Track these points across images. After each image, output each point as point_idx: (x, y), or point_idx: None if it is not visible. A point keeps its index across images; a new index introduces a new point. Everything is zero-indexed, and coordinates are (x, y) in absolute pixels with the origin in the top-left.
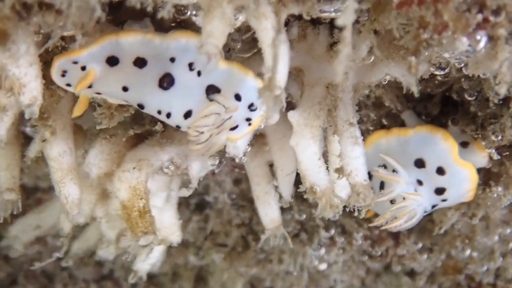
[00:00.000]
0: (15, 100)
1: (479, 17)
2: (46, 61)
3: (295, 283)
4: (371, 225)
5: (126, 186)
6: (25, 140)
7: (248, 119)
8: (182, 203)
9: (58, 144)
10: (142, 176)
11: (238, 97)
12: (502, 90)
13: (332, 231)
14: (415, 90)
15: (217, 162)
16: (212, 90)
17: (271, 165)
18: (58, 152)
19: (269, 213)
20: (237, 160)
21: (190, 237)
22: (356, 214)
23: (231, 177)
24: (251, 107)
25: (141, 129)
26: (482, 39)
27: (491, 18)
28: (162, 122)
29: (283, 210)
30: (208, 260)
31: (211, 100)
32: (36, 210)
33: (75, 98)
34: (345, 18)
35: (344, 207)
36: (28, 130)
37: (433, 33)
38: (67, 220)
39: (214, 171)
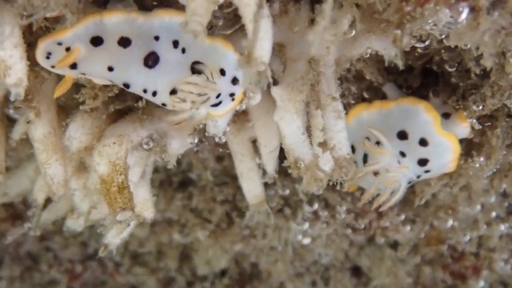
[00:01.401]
0: (0, 83)
1: None
2: (29, 42)
3: (279, 258)
4: (360, 203)
5: (106, 160)
6: (9, 122)
7: (232, 94)
8: (165, 181)
9: (43, 125)
10: (122, 152)
11: (222, 72)
12: (488, 63)
13: (316, 206)
14: (399, 63)
15: (196, 140)
16: (197, 67)
17: (254, 142)
18: (43, 133)
19: (252, 189)
20: (216, 139)
21: (174, 215)
22: (338, 188)
23: (214, 155)
24: (234, 81)
25: (123, 105)
26: (464, 10)
27: None
28: (146, 100)
29: (266, 185)
30: (192, 237)
31: (197, 72)
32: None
33: (59, 79)
34: None
35: (328, 181)
36: (11, 112)
37: (416, 6)
38: (41, 191)
39: (195, 150)
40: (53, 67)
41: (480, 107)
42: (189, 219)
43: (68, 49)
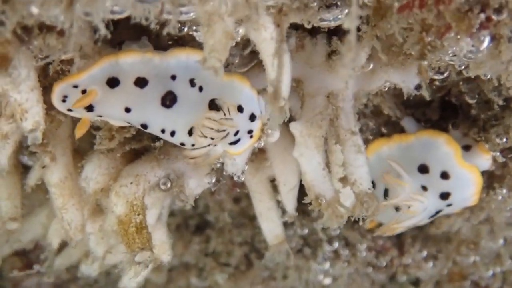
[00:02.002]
0: (17, 127)
1: (482, 16)
2: (44, 86)
3: None
4: (376, 234)
5: (123, 201)
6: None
7: (250, 131)
8: (182, 225)
9: (58, 170)
10: (140, 191)
11: (240, 109)
12: None
13: (336, 244)
14: (426, 94)
15: (213, 180)
16: (214, 104)
17: (272, 181)
18: (59, 178)
19: (272, 229)
20: (235, 178)
21: (191, 259)
22: (360, 223)
23: (231, 196)
24: (252, 118)
25: (139, 145)
26: (485, 39)
27: (494, 17)
28: (163, 139)
29: (285, 225)
30: (211, 281)
31: (215, 108)
32: None
33: (74, 123)
34: (350, 22)
35: (350, 217)
36: (25, 159)
37: (436, 35)
38: (55, 235)
39: (212, 190)
40: (69, 110)
41: (504, 139)
42: (207, 263)
43: (84, 92)
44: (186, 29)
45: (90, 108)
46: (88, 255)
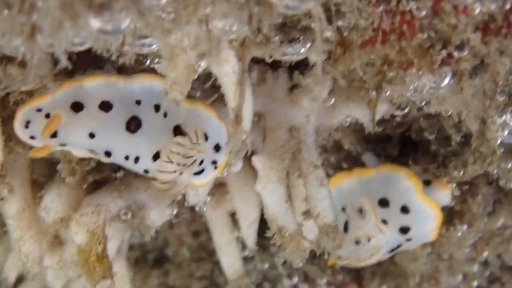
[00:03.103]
0: None
1: (444, 53)
2: (3, 117)
3: None
4: (339, 262)
5: (84, 229)
6: None
7: (214, 162)
8: (140, 259)
9: (16, 201)
10: (100, 221)
11: (205, 137)
12: (474, 126)
13: (295, 279)
14: (370, 125)
15: (175, 212)
16: (179, 130)
17: (232, 215)
18: (17, 209)
19: (232, 263)
20: (197, 209)
21: None
22: (326, 256)
23: (190, 230)
24: (217, 148)
25: (100, 175)
26: (447, 75)
27: (455, 54)
28: (124, 169)
29: (245, 260)
30: None
31: (181, 134)
32: None
33: None
34: (316, 55)
35: (315, 250)
36: None
37: (398, 71)
38: (12, 269)
39: (172, 223)
40: (32, 138)
41: (461, 172)
42: None
43: (48, 116)
44: (148, 62)
45: (53, 134)
46: None
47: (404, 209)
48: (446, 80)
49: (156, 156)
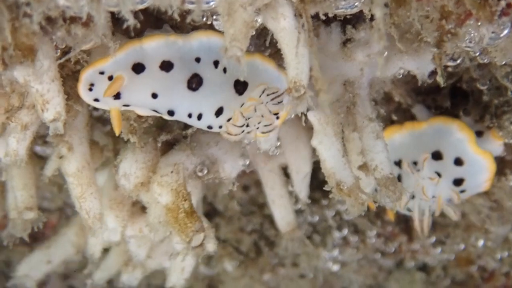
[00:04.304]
0: (36, 117)
1: (502, 3)
2: (62, 77)
3: (309, 286)
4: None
5: (167, 189)
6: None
7: (276, 113)
8: None
9: (76, 159)
10: (181, 179)
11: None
12: None
13: (345, 231)
14: (441, 81)
15: (247, 162)
16: (240, 85)
17: (283, 168)
18: (77, 167)
19: (285, 216)
20: (270, 153)
21: None
22: (387, 208)
23: (240, 184)
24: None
25: (171, 135)
26: (506, 26)
27: None
28: (191, 126)
29: (295, 213)
30: (219, 269)
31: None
32: (43, 245)
33: (90, 113)
34: (377, 10)
35: (374, 202)
36: (38, 149)
37: (457, 23)
38: (97, 244)
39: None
40: (96, 100)
41: None
42: (216, 250)
43: (110, 78)
44: (205, 18)
45: (117, 96)
46: (127, 264)
47: (458, 161)
48: (506, 31)
49: (218, 112)
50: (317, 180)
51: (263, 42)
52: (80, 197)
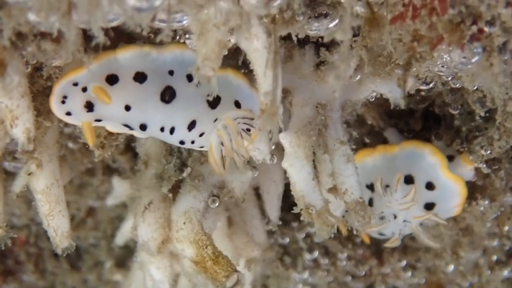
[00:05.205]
0: (4, 133)
1: (474, 28)
2: (32, 92)
3: None
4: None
5: (187, 243)
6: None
7: (248, 130)
8: None
9: (45, 176)
10: (196, 226)
11: (237, 104)
12: (499, 101)
13: (316, 253)
14: (402, 102)
15: (256, 173)
16: (213, 99)
17: (255, 189)
18: (46, 184)
19: (256, 237)
20: (268, 162)
21: None
22: (356, 233)
23: None
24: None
25: (171, 183)
26: (477, 52)
27: (486, 29)
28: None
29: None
30: None
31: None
32: None
33: (60, 129)
34: (343, 34)
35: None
36: (6, 165)
37: (428, 46)
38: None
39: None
40: (68, 114)
41: (488, 151)
42: None
43: (84, 89)
44: (178, 37)
45: (90, 108)
46: None
47: (430, 186)
48: (477, 57)
49: (191, 126)
50: (288, 202)
51: (236, 62)
52: (48, 214)
